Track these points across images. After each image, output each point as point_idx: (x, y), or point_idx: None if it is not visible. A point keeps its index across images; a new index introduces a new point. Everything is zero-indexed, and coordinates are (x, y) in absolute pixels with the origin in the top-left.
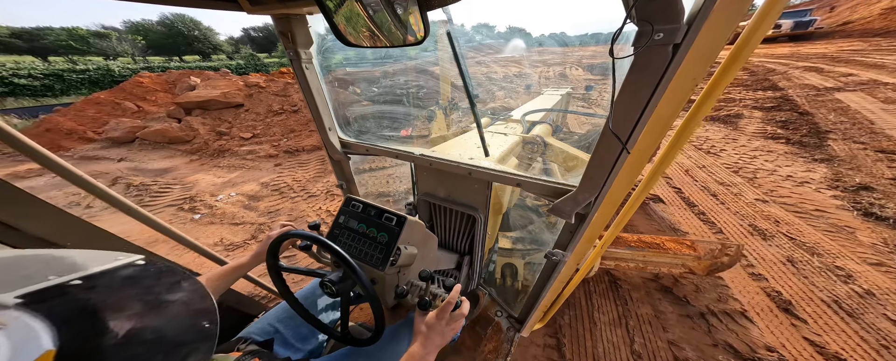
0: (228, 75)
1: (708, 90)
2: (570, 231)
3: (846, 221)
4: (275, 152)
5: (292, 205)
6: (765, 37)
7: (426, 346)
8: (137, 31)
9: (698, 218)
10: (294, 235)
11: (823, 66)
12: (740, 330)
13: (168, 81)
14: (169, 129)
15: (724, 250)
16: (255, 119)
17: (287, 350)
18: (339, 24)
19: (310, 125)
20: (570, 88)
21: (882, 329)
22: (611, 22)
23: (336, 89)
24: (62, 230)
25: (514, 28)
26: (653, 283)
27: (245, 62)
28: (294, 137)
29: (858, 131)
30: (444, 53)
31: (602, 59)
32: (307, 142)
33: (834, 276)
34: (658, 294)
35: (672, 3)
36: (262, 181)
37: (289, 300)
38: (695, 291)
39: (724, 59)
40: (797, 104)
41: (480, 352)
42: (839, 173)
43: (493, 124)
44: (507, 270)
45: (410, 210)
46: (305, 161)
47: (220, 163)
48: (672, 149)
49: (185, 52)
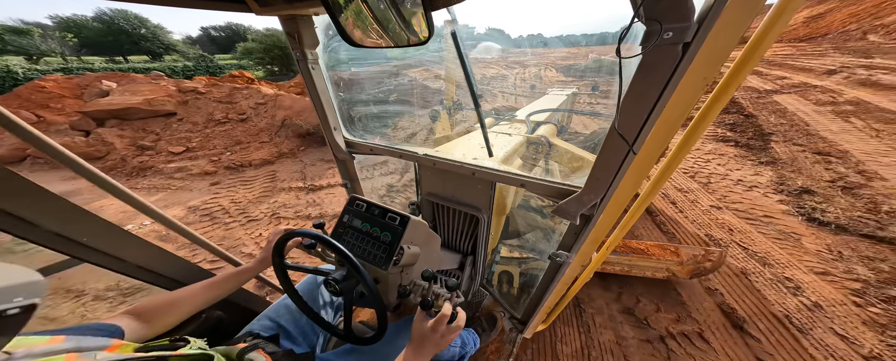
0: (161, 79)
1: (718, 92)
2: (574, 233)
3: (793, 227)
4: (213, 169)
5: (225, 233)
6: None
7: (418, 354)
8: (68, 28)
9: (659, 229)
10: (299, 233)
11: (761, 68)
12: (697, 354)
13: (80, 85)
14: (72, 144)
15: (707, 255)
16: (191, 130)
17: (291, 344)
18: (345, 24)
19: (260, 136)
20: (576, 89)
21: (830, 344)
22: (592, 24)
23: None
24: (78, 226)
25: (492, 29)
26: (615, 304)
27: (194, 64)
28: (240, 150)
29: (797, 133)
30: (448, 54)
31: (575, 60)
32: (256, 155)
33: (784, 288)
34: (621, 317)
35: (682, 1)
36: (190, 205)
37: (294, 299)
38: (655, 311)
39: (736, 58)
40: (743, 107)
41: (483, 353)
42: (783, 176)
43: (498, 125)
44: (504, 277)
45: (414, 210)
46: (250, 179)
47: (140, 184)
48: (680, 151)
49: (131, 51)
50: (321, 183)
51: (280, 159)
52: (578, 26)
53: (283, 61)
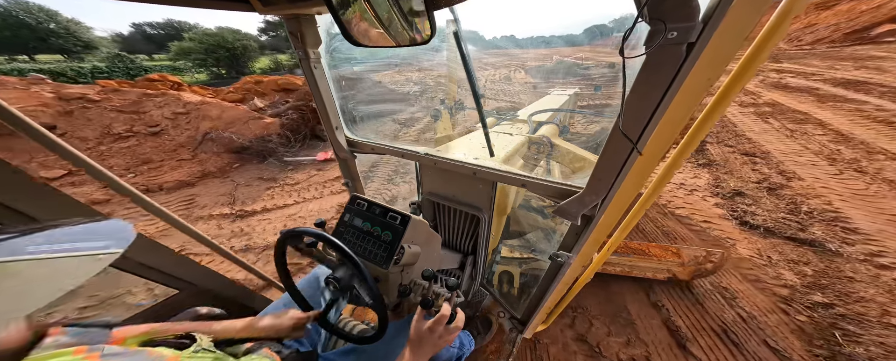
0: (42, 82)
1: (723, 91)
2: (575, 233)
3: (728, 232)
4: (105, 197)
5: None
6: None
7: (417, 354)
8: None
9: None
10: (300, 232)
11: None
12: None
13: None
14: None
15: (709, 256)
16: (78, 148)
17: (294, 342)
18: (347, 23)
19: (179, 153)
20: (578, 89)
21: (763, 358)
22: (567, 28)
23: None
24: None
25: (468, 31)
26: (570, 330)
27: (108, 65)
28: (148, 171)
29: (727, 134)
30: (450, 53)
31: (544, 61)
32: (170, 177)
33: (722, 299)
34: (575, 346)
35: (687, 1)
36: None
37: (296, 297)
38: (607, 335)
39: (741, 58)
40: None
41: (482, 353)
42: (718, 177)
43: (499, 124)
44: (505, 277)
45: (415, 209)
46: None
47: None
48: (683, 151)
49: (39, 49)
50: (254, 207)
51: (204, 179)
52: (550, 29)
53: (232, 64)
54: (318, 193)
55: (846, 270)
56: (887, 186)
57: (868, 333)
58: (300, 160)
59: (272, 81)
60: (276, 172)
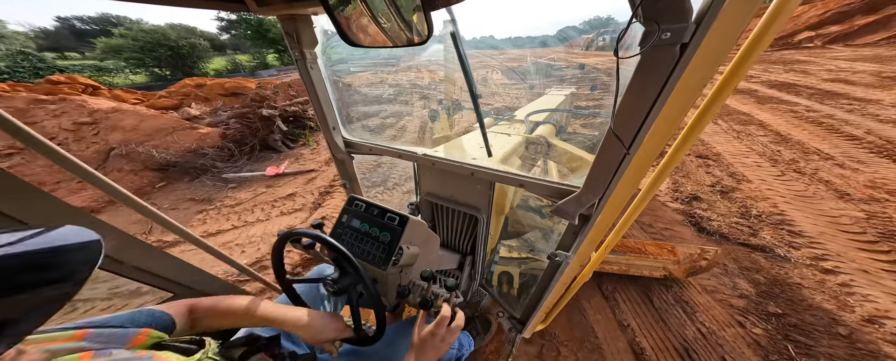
0: None
1: (717, 90)
2: (573, 233)
3: (687, 238)
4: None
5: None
6: None
7: (419, 360)
8: None
9: None
10: (298, 233)
11: None
12: None
13: None
14: None
15: (703, 254)
16: None
17: (292, 345)
18: (343, 24)
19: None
20: (574, 89)
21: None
22: (536, 28)
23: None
24: None
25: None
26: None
27: (9, 65)
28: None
29: None
30: (448, 54)
31: (522, 62)
32: (69, 203)
33: (683, 312)
34: None
35: (680, 1)
36: None
37: (294, 300)
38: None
39: (734, 58)
40: None
41: (482, 353)
42: (677, 181)
43: (497, 125)
44: (504, 277)
45: (413, 210)
46: None
47: None
48: (678, 151)
49: None
50: (177, 237)
51: (115, 204)
52: (526, 30)
53: (177, 64)
54: (265, 214)
55: (794, 276)
56: (823, 186)
57: (818, 344)
58: (245, 177)
59: (218, 85)
60: (213, 191)
